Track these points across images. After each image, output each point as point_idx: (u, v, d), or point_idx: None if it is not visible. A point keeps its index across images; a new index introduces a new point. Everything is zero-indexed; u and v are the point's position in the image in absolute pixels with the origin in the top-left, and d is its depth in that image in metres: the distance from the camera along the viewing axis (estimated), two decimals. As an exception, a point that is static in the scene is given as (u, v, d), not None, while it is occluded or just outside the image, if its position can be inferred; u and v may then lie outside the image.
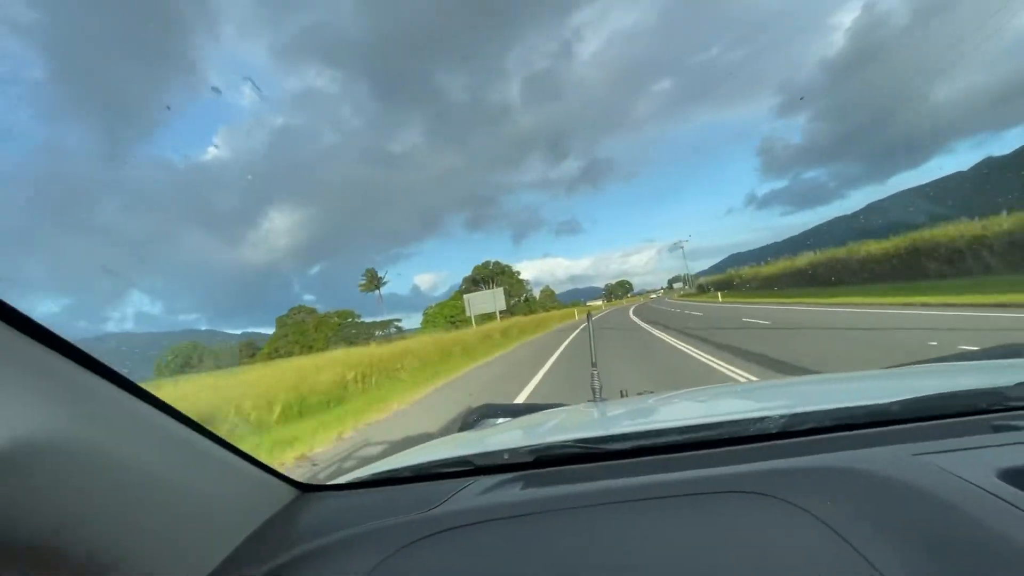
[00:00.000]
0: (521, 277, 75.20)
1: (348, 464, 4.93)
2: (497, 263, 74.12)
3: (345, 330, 46.32)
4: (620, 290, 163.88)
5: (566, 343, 16.45)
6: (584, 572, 0.59)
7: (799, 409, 0.88)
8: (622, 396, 1.80)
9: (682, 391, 1.65)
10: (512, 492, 0.81)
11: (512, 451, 0.93)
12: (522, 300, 74.72)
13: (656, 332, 14.77)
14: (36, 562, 0.51)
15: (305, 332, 48.96)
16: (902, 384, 1.14)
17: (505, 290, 71.91)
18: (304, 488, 0.94)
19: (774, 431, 0.83)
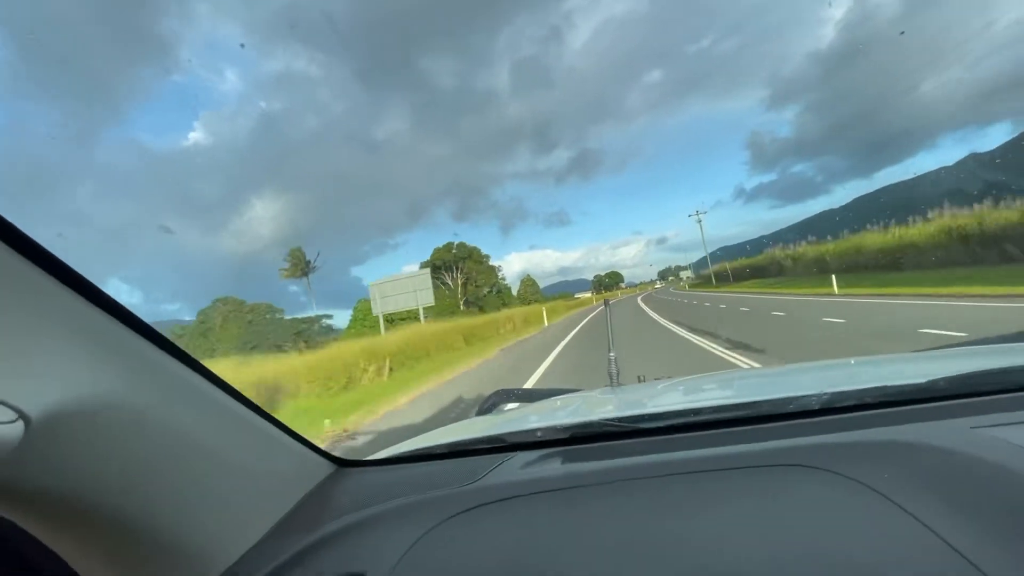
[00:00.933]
0: (492, 263, 63.08)
1: (381, 443, 4.93)
2: (463, 245, 61.77)
3: (257, 328, 35.61)
4: (611, 281, 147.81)
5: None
6: (632, 544, 0.59)
7: (842, 387, 0.87)
8: (639, 381, 1.80)
9: (706, 375, 1.64)
10: (553, 466, 0.81)
11: (547, 428, 0.93)
12: (493, 292, 62.50)
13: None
14: (99, 526, 0.55)
15: (208, 334, 37.84)
16: (940, 365, 1.12)
17: (470, 279, 58.82)
18: (342, 463, 0.95)
19: (816, 407, 0.82)
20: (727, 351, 7.92)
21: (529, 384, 7.77)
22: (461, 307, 54.83)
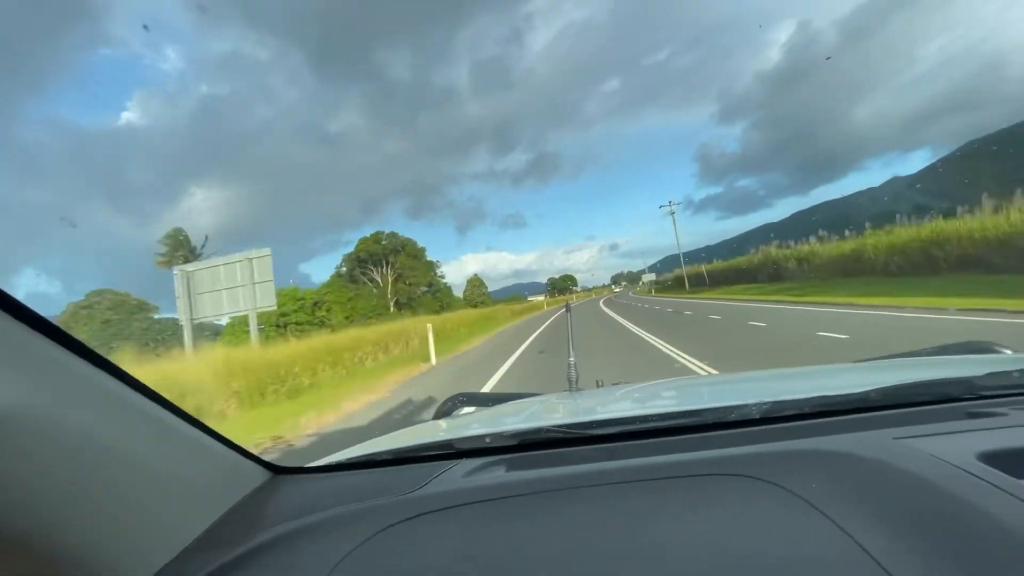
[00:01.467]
0: (430, 258, 55.06)
1: (323, 450, 4.67)
2: (394, 235, 53.44)
3: (113, 327, 29.81)
4: (565, 285, 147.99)
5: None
6: (574, 553, 0.60)
7: (780, 397, 0.92)
8: (598, 387, 1.85)
9: (660, 381, 1.72)
10: (497, 474, 0.81)
11: (495, 435, 0.93)
12: (431, 291, 53.89)
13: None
14: (5, 543, 0.51)
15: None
16: (877, 376, 1.17)
17: (402, 276, 50.90)
18: (278, 470, 0.92)
19: (756, 416, 0.86)
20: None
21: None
22: (391, 308, 47.27)
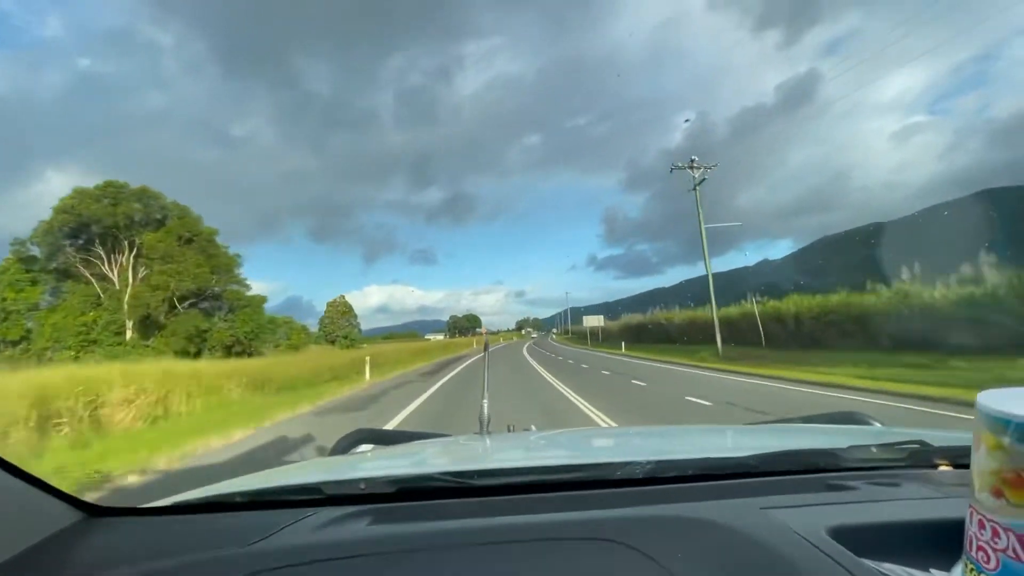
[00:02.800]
0: (239, 273, 32.59)
1: (173, 485, 4.13)
2: (145, 190, 29.87)
3: None
4: (468, 325, 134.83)
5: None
6: None
7: (666, 456, 0.96)
8: (509, 430, 1.89)
9: (564, 430, 1.78)
10: (357, 527, 0.74)
11: (370, 480, 0.87)
12: (216, 307, 31.70)
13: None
14: None
15: None
16: (759, 440, 1.28)
17: (168, 273, 27.29)
18: (95, 511, 0.81)
19: (640, 476, 0.88)
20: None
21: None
22: (128, 332, 27.49)
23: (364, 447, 1.50)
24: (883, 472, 0.89)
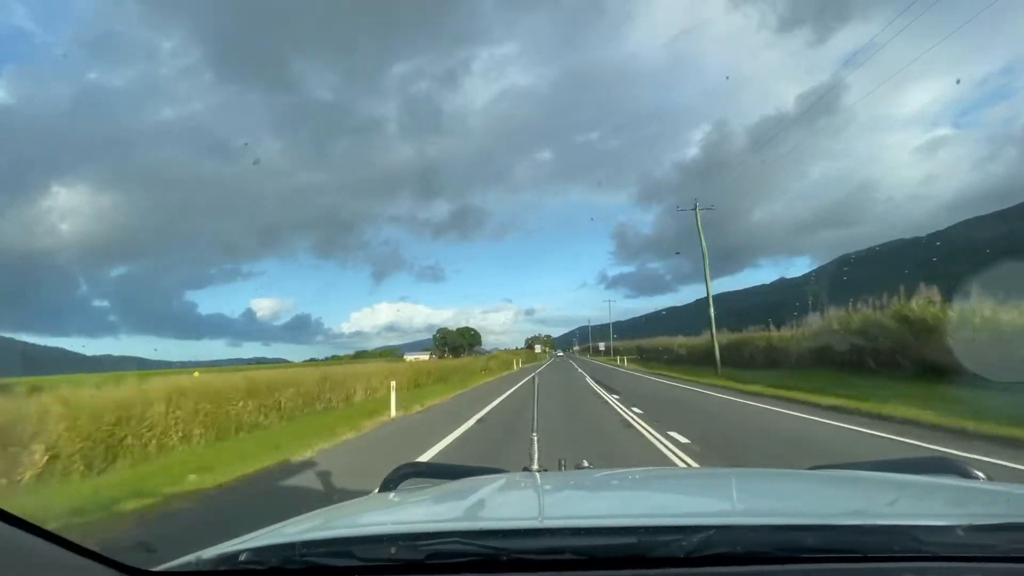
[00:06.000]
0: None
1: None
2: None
3: None
4: (464, 342, 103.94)
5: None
6: None
7: (737, 521, 0.90)
8: (561, 465, 1.98)
9: (623, 470, 1.73)
10: None
11: (400, 545, 0.87)
12: None
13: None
14: None
15: None
16: (841, 491, 1.24)
17: None
18: (135, 574, 0.84)
19: (709, 554, 0.80)
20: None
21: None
22: None
23: (416, 481, 1.59)
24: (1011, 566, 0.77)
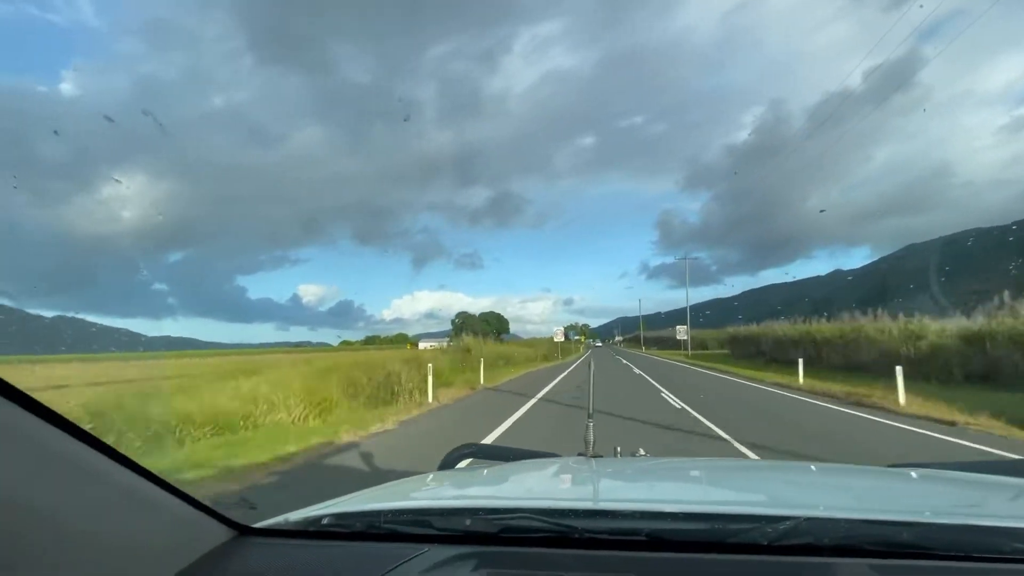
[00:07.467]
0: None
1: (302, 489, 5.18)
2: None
3: None
4: (487, 329, 75.80)
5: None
6: None
7: (825, 513, 0.86)
8: (616, 453, 1.89)
9: (681, 459, 1.74)
10: (463, 573, 0.82)
11: (475, 518, 0.93)
12: None
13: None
14: None
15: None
16: (930, 488, 1.20)
17: None
18: (243, 530, 0.97)
19: (785, 542, 0.80)
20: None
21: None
22: None
23: (474, 461, 1.68)
24: None
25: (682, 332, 45.30)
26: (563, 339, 47.60)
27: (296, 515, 1.01)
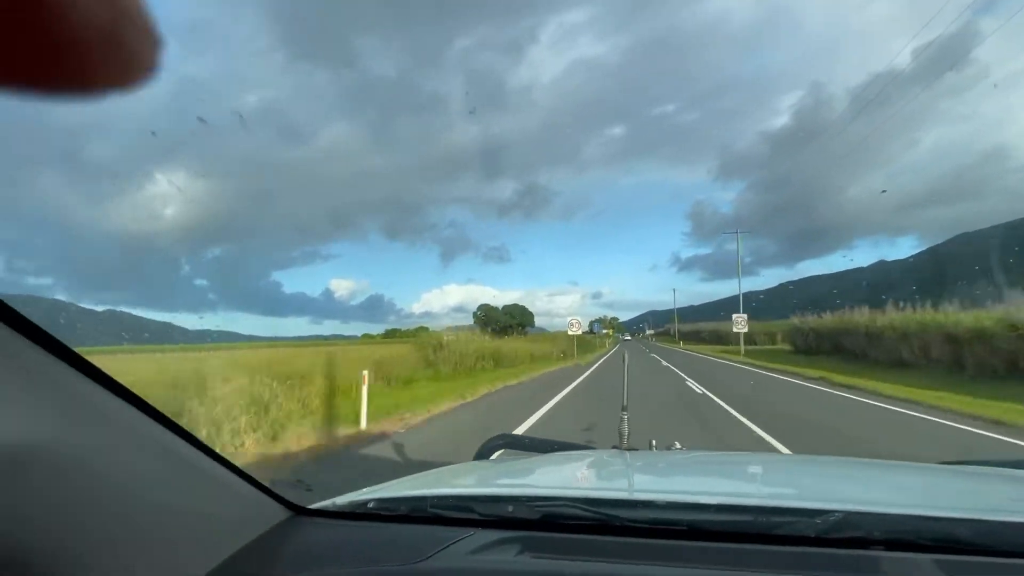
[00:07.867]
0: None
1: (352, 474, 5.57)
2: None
3: None
4: (510, 322, 62.01)
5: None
6: None
7: (866, 507, 0.86)
8: (651, 447, 1.93)
9: (717, 452, 2.03)
10: (507, 556, 0.84)
11: (517, 503, 0.96)
12: None
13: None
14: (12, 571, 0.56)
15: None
16: (984, 485, 1.22)
17: None
18: (299, 511, 1.02)
19: (827, 535, 0.80)
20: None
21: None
22: None
23: (510, 452, 1.79)
24: None
25: (740, 323, 32.35)
26: (580, 332, 33.13)
27: (341, 499, 1.06)
